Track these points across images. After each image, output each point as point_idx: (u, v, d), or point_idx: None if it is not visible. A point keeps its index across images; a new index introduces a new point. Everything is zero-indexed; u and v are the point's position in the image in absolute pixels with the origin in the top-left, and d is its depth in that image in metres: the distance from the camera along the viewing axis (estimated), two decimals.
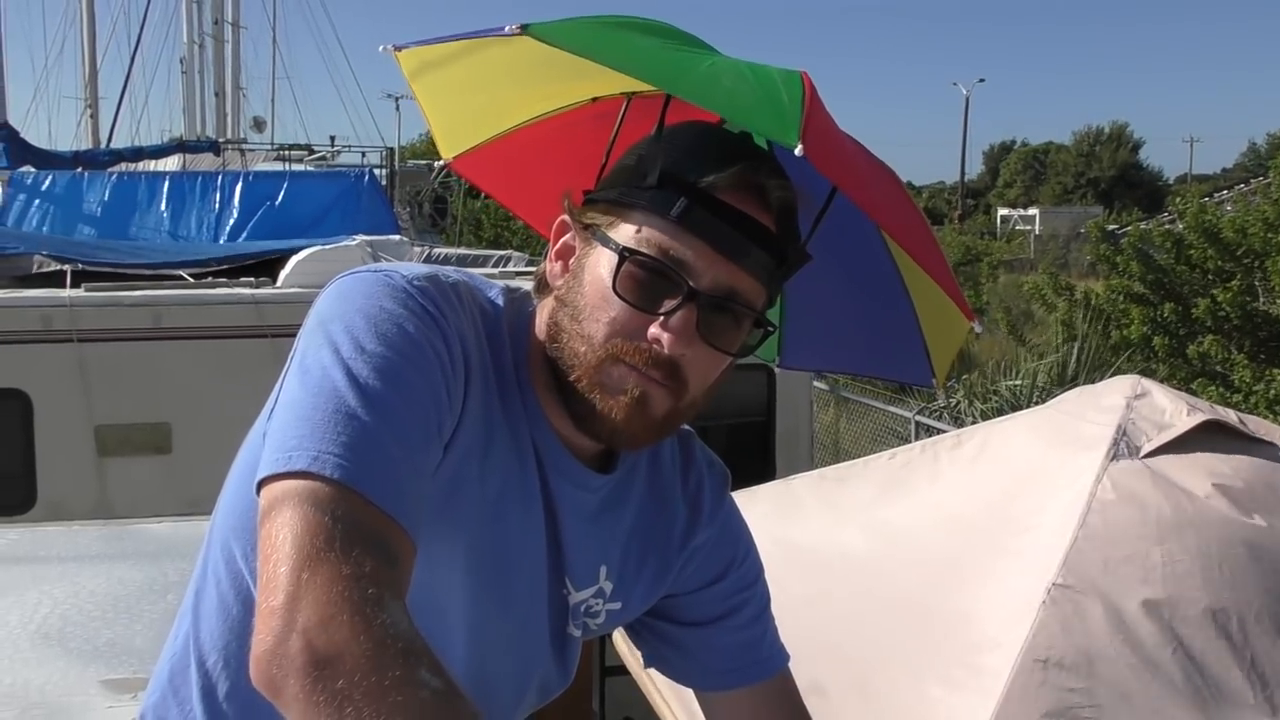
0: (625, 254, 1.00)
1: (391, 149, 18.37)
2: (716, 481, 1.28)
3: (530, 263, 9.01)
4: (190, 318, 5.15)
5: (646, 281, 1.00)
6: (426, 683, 0.76)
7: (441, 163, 1.37)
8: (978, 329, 1.21)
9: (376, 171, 12.89)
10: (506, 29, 1.02)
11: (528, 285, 1.15)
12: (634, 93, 1.21)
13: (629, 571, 1.22)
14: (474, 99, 1.30)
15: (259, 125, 22.56)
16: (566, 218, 1.09)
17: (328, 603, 0.78)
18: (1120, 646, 2.01)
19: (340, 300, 0.99)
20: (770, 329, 1.07)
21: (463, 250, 11.61)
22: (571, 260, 1.07)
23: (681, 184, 1.01)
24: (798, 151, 0.94)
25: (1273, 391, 7.13)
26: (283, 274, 5.46)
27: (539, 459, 1.10)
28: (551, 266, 1.09)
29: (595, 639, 1.52)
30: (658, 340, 1.00)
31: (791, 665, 1.35)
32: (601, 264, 1.03)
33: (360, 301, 0.98)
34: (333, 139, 19.24)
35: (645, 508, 1.22)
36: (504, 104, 1.28)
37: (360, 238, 6.10)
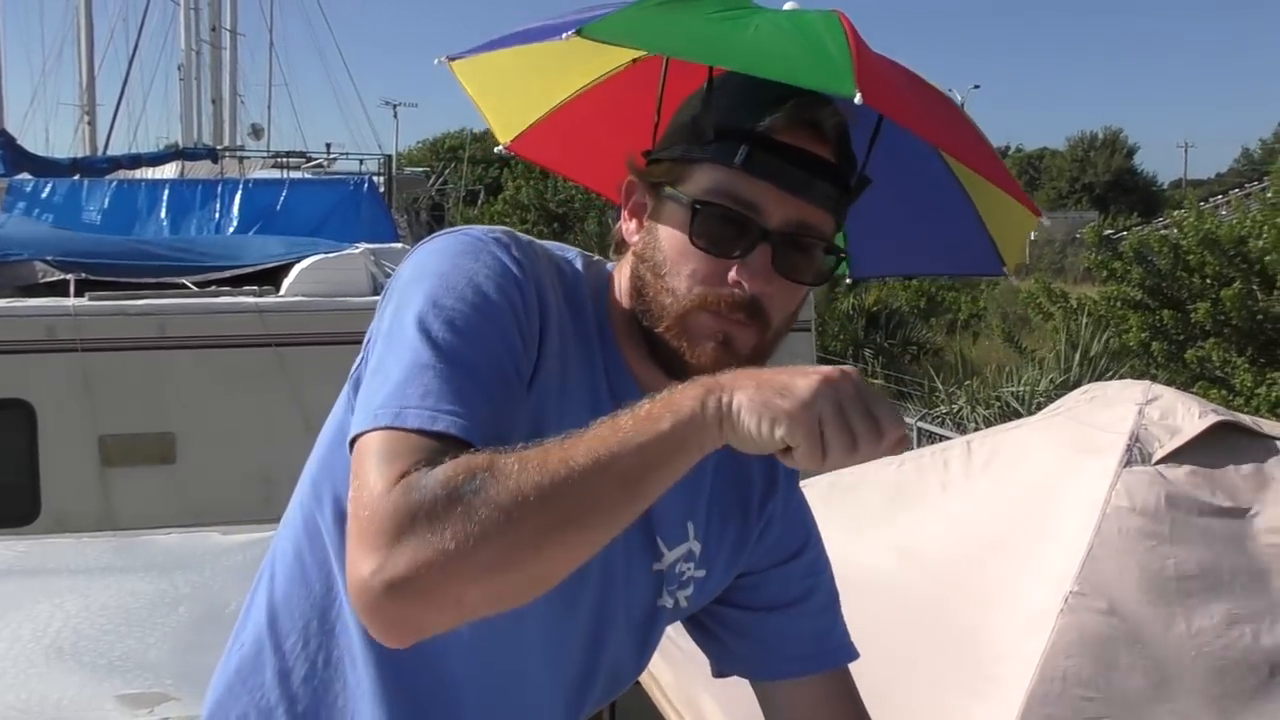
0: (697, 206, 1.05)
1: (389, 156, 18.36)
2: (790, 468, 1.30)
3: None
4: (194, 327, 5.15)
5: (720, 229, 1.05)
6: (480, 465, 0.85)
7: (499, 148, 1.42)
8: (1045, 222, 1.25)
9: (374, 179, 12.87)
10: (563, 36, 1.04)
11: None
12: None
13: (713, 536, 1.24)
14: (522, 85, 1.34)
15: (257, 132, 22.56)
16: (634, 179, 1.13)
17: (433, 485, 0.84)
18: (1138, 656, 2.01)
19: (423, 262, 1.04)
20: (842, 255, 1.12)
21: None
22: (644, 217, 1.12)
23: (739, 132, 1.05)
24: (857, 99, 0.98)
25: (1274, 394, 7.13)
26: (286, 282, 5.46)
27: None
28: (627, 225, 1.14)
29: None
30: (739, 283, 1.05)
31: None
32: (675, 218, 1.08)
33: (448, 262, 1.02)
34: (328, 146, 19.25)
35: (724, 468, 1.24)
36: (550, 83, 1.31)
37: (363, 246, 6.09)
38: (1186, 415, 2.34)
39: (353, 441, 0.92)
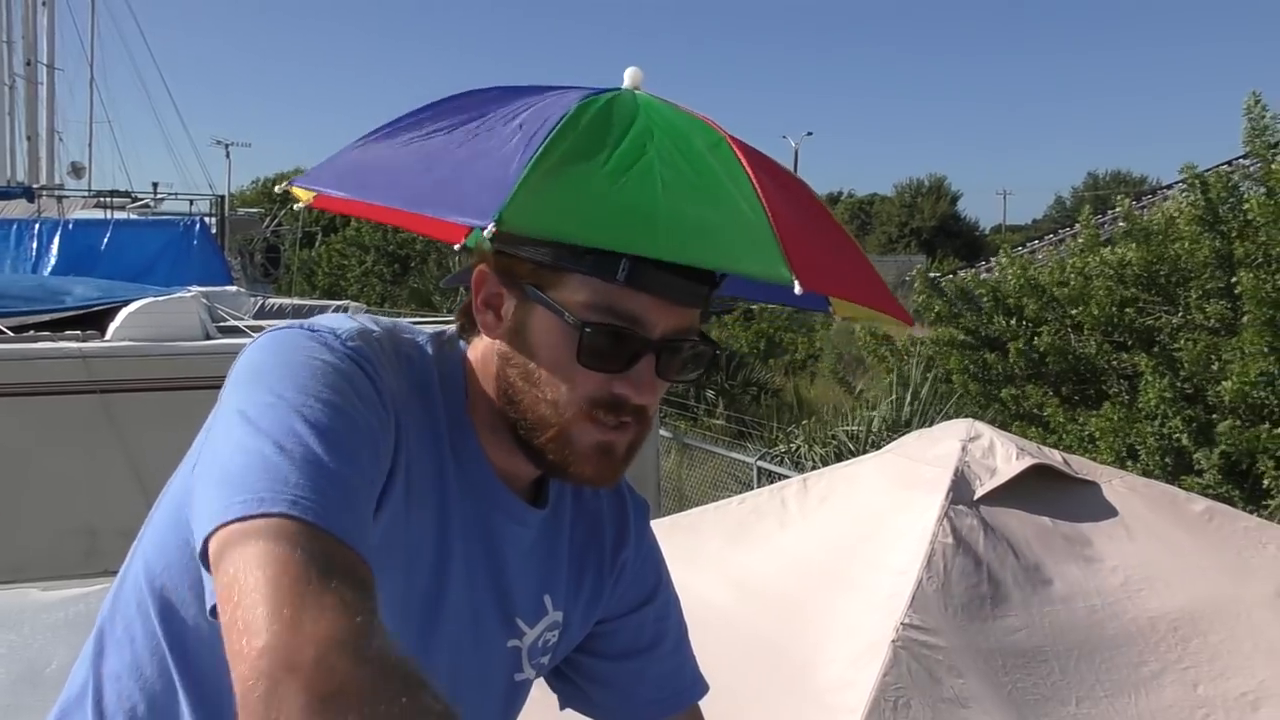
0: (586, 328, 1.01)
1: (221, 196, 17.81)
2: (640, 507, 1.32)
3: (368, 313, 8.88)
4: (10, 373, 4.88)
5: (608, 347, 1.02)
6: (431, 708, 0.74)
7: (299, 205, 1.26)
8: (917, 333, 1.19)
9: (206, 220, 12.49)
10: (486, 231, 0.93)
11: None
12: None
13: (570, 594, 1.24)
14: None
15: (77, 171, 21.58)
16: (487, 269, 1.07)
17: (320, 638, 0.75)
18: (961, 688, 2.10)
19: (276, 352, 0.99)
20: (718, 350, 1.12)
21: (298, 300, 11.36)
22: (503, 310, 1.07)
23: None
24: (797, 290, 0.97)
25: (1085, 431, 7.55)
26: (112, 326, 5.22)
27: (478, 501, 1.11)
28: (483, 315, 1.09)
29: None
30: (625, 395, 1.04)
31: None
32: (550, 330, 1.03)
33: (299, 355, 0.97)
34: (155, 185, 18.51)
35: (577, 528, 1.25)
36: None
37: (195, 289, 5.89)
38: (1004, 456, 2.48)
39: (216, 529, 0.84)
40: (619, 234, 0.99)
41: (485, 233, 0.92)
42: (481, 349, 1.11)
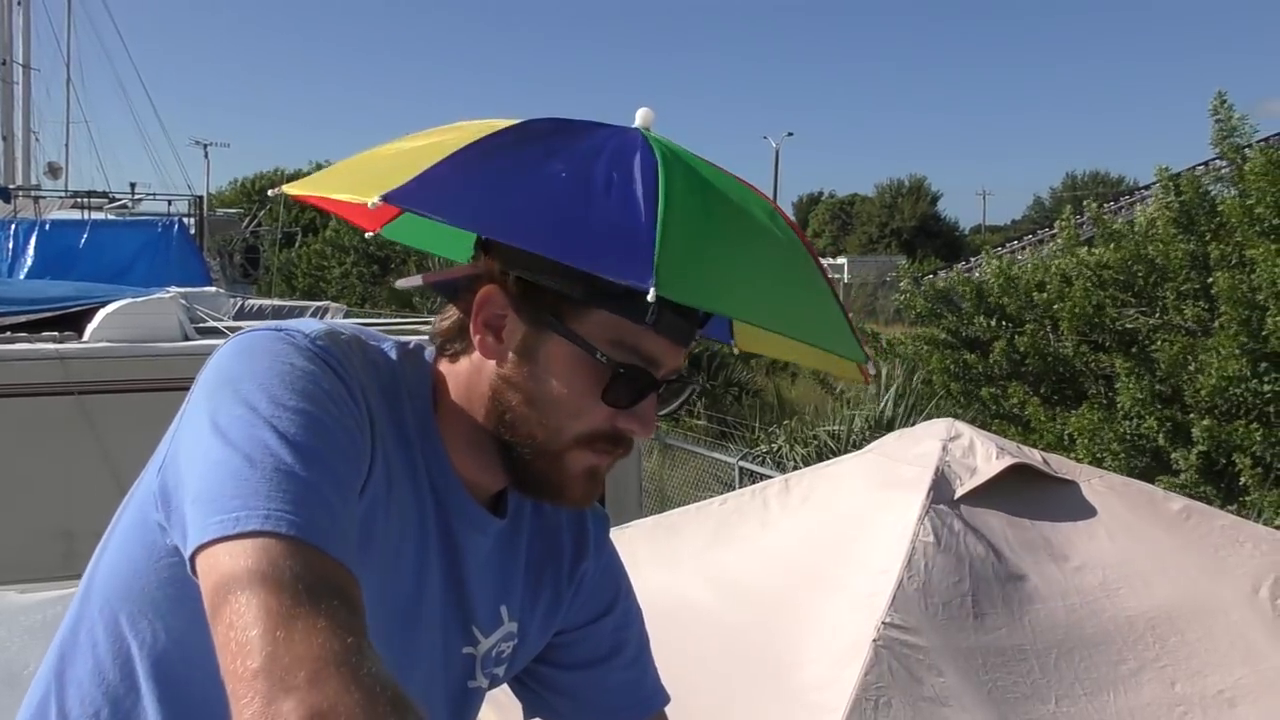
0: (619, 369, 1.03)
1: (200, 197, 17.70)
2: (599, 519, 1.32)
3: (348, 314, 8.88)
4: None
5: (629, 387, 1.04)
6: None
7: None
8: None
9: (184, 220, 12.43)
10: (650, 296, 0.92)
11: (417, 339, 1.15)
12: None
13: (526, 605, 1.24)
14: (379, 165, 1.10)
15: (54, 171, 21.39)
16: (497, 291, 1.05)
17: (312, 658, 0.76)
18: (943, 685, 2.11)
19: (248, 358, 0.98)
20: (695, 385, 1.16)
21: (278, 301, 11.32)
22: (505, 333, 1.06)
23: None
24: (872, 371, 1.08)
25: (1064, 431, 7.60)
26: (90, 327, 5.18)
27: (442, 507, 1.11)
28: (482, 337, 1.06)
29: None
30: (630, 430, 1.06)
31: None
32: (569, 362, 1.04)
33: (268, 360, 0.97)
34: (133, 186, 18.38)
35: (535, 540, 1.25)
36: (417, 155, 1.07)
37: (173, 290, 5.86)
38: (984, 455, 2.49)
39: (206, 544, 0.84)
40: (747, 309, 1.03)
41: (650, 297, 0.91)
42: (468, 365, 1.10)
